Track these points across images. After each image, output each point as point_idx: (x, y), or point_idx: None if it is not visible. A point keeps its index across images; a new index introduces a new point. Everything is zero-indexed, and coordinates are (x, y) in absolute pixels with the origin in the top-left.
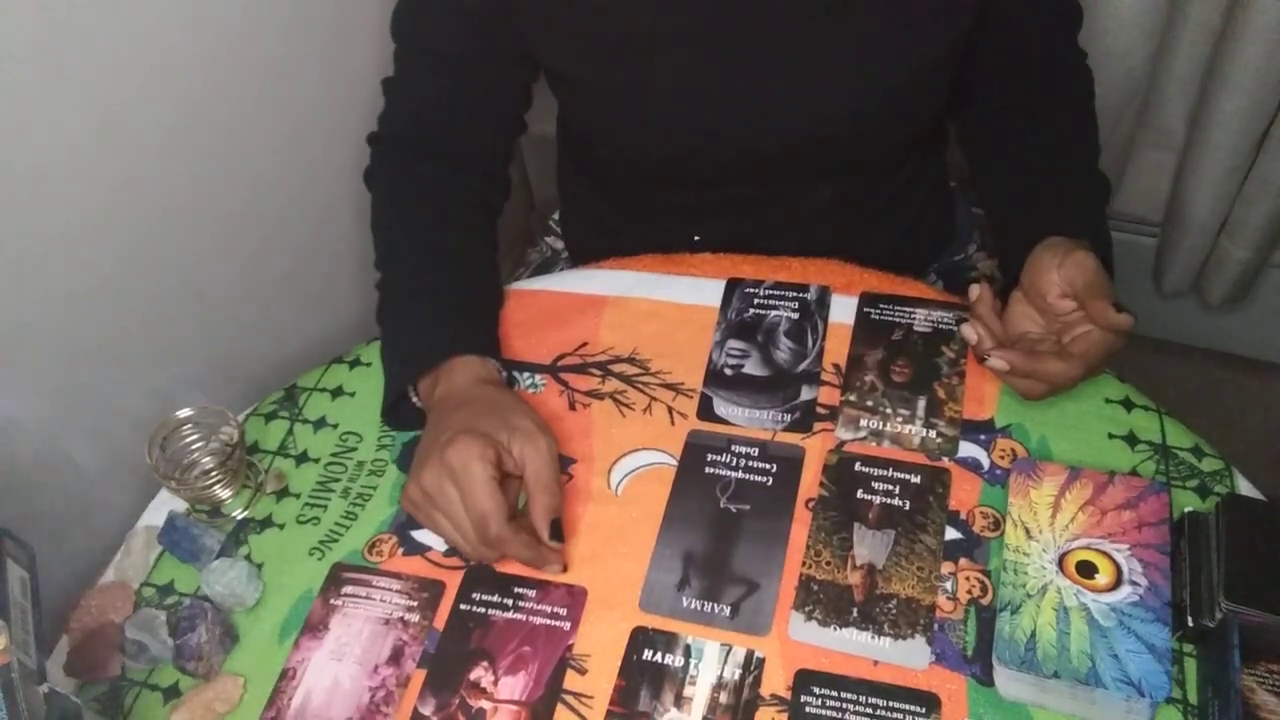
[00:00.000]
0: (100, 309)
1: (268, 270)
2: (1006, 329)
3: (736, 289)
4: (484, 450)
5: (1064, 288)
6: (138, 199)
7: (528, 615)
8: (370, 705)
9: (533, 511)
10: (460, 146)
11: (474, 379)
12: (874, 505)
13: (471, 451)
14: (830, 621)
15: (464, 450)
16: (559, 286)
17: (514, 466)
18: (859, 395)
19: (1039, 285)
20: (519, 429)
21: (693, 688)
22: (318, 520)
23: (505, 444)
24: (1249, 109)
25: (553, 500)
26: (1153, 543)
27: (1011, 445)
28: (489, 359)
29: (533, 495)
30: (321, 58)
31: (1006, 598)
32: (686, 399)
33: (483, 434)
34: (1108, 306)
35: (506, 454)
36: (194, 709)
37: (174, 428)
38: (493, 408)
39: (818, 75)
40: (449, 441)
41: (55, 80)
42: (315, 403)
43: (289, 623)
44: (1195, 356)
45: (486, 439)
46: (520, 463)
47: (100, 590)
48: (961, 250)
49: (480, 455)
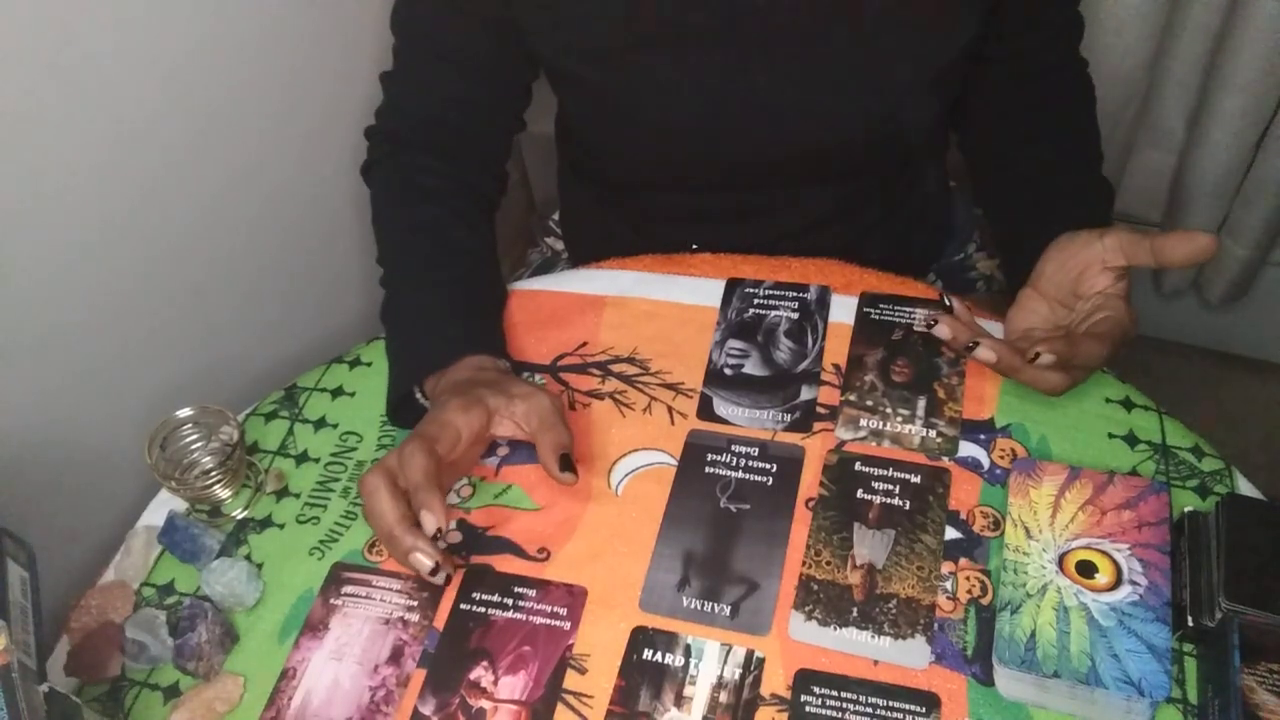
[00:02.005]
0: (100, 309)
1: (268, 270)
2: (1012, 324)
3: (736, 289)
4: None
5: (1111, 256)
6: (137, 200)
7: (528, 615)
8: (370, 705)
9: (541, 454)
10: (459, 142)
11: (476, 368)
12: (874, 505)
13: (380, 467)
14: (830, 621)
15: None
16: (559, 286)
17: (515, 429)
18: (859, 395)
19: (1073, 267)
20: (517, 393)
21: (693, 687)
22: (318, 520)
23: (504, 407)
24: (1249, 109)
25: (557, 436)
26: (1153, 542)
27: (1011, 445)
28: (499, 360)
29: (537, 438)
30: (322, 58)
31: (1006, 597)
32: (686, 399)
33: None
34: (1189, 233)
35: (507, 419)
36: (194, 709)
37: (174, 427)
38: (491, 381)
39: (822, 81)
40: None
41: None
42: (315, 402)
43: (289, 622)
44: (1195, 356)
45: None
46: (523, 418)
47: (100, 590)
48: (961, 250)
49: (383, 470)
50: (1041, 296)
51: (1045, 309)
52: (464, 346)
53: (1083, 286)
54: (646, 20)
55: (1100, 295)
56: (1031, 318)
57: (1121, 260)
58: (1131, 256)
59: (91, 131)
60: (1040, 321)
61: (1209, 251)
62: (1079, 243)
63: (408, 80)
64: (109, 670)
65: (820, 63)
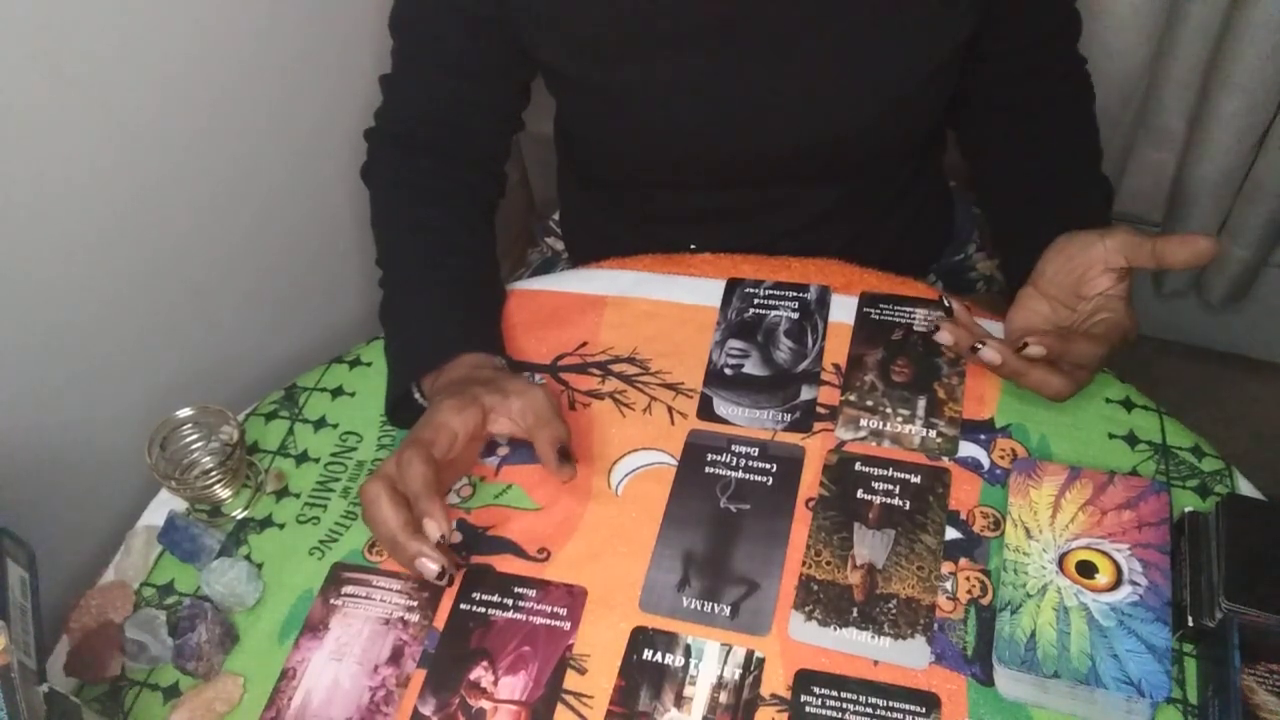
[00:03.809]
0: (101, 309)
1: (268, 270)
2: (1012, 324)
3: (736, 289)
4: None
5: (1112, 257)
6: (138, 201)
7: (528, 615)
8: (370, 705)
9: (539, 449)
10: (458, 143)
11: (473, 366)
12: (874, 505)
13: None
14: (830, 621)
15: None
16: (559, 286)
17: (512, 426)
18: (859, 395)
19: (1074, 268)
20: (512, 390)
21: (693, 688)
22: (318, 520)
23: (500, 405)
24: (1249, 109)
25: (554, 430)
26: (1153, 542)
27: (1011, 445)
28: (496, 358)
29: (534, 434)
30: (322, 60)
31: (1006, 597)
32: (686, 399)
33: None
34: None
35: (503, 416)
36: (194, 709)
37: (174, 427)
38: (487, 380)
39: (819, 79)
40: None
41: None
42: (315, 402)
43: (289, 622)
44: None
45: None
46: (519, 415)
47: (100, 590)
48: (961, 250)
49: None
50: (1042, 296)
51: (1046, 308)
52: (460, 345)
53: (1084, 287)
54: (642, 19)
55: (1101, 296)
56: (1033, 318)
57: (1122, 261)
58: (1132, 258)
59: (91, 132)
60: (1041, 321)
61: (1209, 255)
62: (1079, 243)
63: (406, 82)
64: (109, 670)
65: (817, 59)
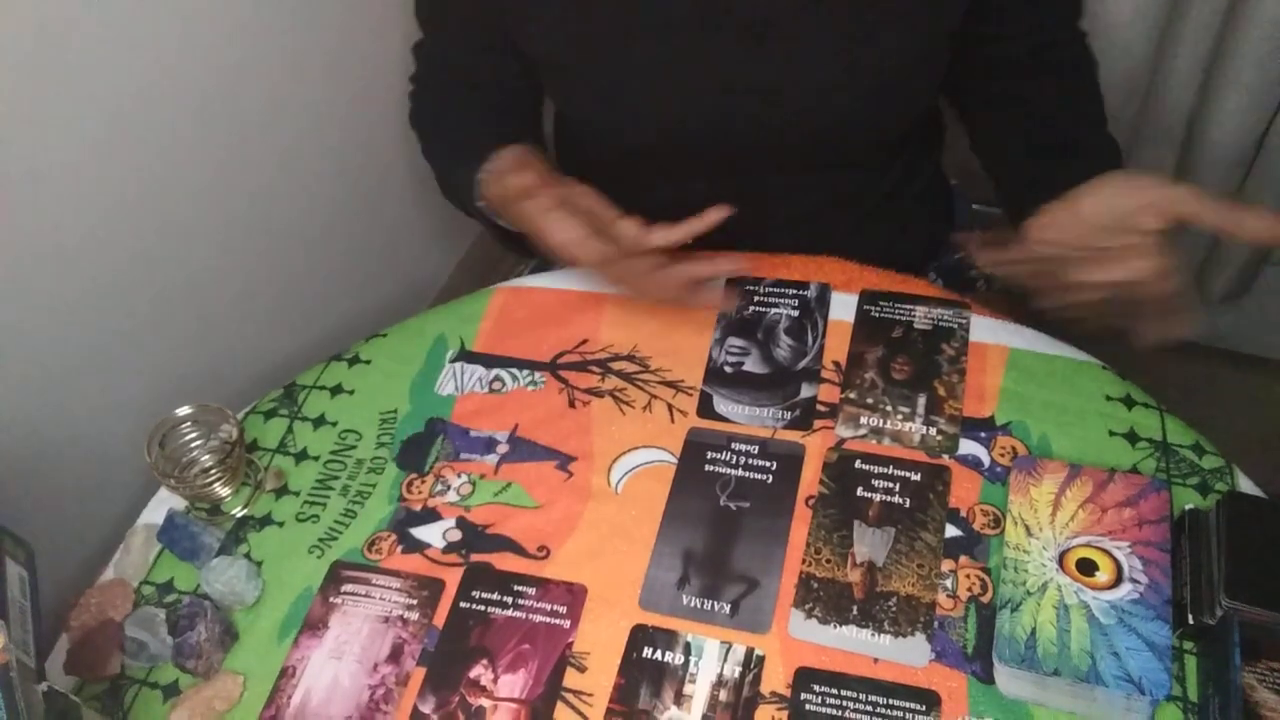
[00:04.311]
0: (100, 307)
1: (267, 269)
2: (1031, 234)
3: (736, 286)
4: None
5: (1183, 204)
6: (138, 200)
7: (527, 613)
8: (370, 703)
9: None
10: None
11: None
12: (874, 503)
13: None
14: (830, 619)
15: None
16: (559, 284)
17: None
18: (859, 393)
19: (1134, 199)
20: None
21: (693, 685)
22: (317, 518)
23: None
24: (1249, 108)
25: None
26: (1153, 540)
27: (1012, 443)
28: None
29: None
30: (322, 60)
31: (1007, 595)
32: (686, 396)
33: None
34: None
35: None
36: (194, 707)
37: (173, 426)
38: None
39: (809, 62)
40: None
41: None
42: (314, 400)
43: (289, 621)
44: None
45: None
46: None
47: (100, 588)
48: (961, 250)
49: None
50: (1076, 214)
51: (1076, 227)
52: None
53: (1135, 219)
54: (629, 8)
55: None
56: (1061, 233)
57: (1193, 209)
58: (1202, 212)
59: (87, 129)
60: (1063, 235)
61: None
62: (1148, 181)
63: (438, 42)
64: (108, 669)
65: (805, 44)
